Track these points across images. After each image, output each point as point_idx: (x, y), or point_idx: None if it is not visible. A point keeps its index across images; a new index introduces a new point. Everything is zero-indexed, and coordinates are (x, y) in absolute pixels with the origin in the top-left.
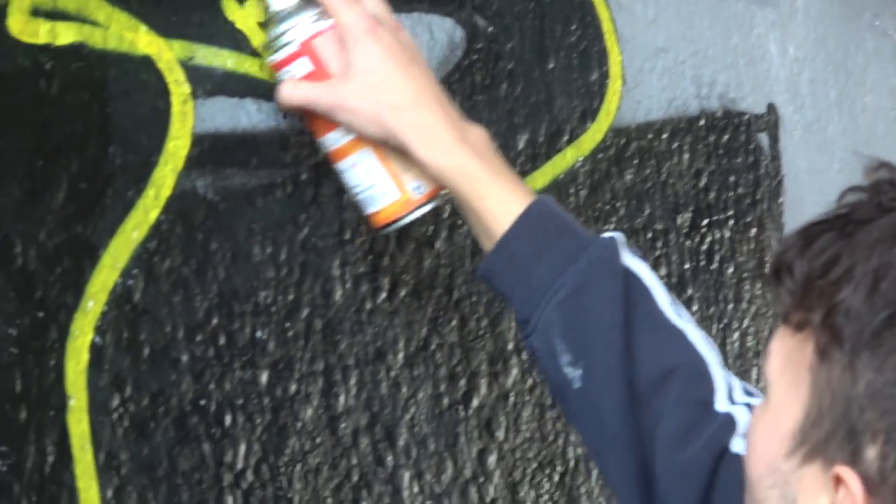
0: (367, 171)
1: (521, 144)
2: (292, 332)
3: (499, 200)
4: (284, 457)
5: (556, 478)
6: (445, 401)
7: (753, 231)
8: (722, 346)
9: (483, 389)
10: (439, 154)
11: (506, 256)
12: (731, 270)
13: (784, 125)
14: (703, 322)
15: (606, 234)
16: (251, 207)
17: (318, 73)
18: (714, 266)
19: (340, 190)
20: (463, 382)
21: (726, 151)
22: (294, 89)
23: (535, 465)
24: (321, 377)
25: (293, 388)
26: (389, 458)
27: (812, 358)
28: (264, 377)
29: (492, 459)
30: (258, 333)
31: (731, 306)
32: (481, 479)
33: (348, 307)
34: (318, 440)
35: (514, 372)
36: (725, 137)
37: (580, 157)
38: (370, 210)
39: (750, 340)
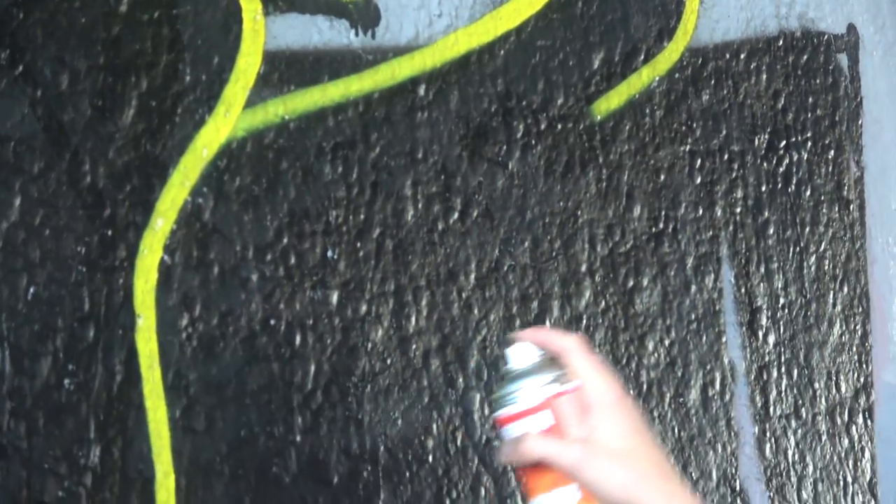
0: None
1: (597, 63)
2: (363, 253)
3: None
4: (354, 378)
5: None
6: (517, 323)
7: (832, 153)
8: (798, 270)
9: (555, 311)
10: None
11: None
12: (808, 193)
13: (864, 46)
14: (780, 245)
15: None
16: (322, 126)
17: (557, 431)
18: (791, 188)
19: (413, 108)
20: (535, 304)
21: (805, 72)
22: (541, 440)
23: None
24: (392, 298)
25: (364, 308)
26: (460, 380)
27: None
28: (335, 297)
29: None
30: (329, 253)
31: (808, 229)
32: None
33: (420, 227)
34: (389, 361)
35: (587, 294)
36: (804, 58)
37: (656, 77)
38: None
39: (827, 264)
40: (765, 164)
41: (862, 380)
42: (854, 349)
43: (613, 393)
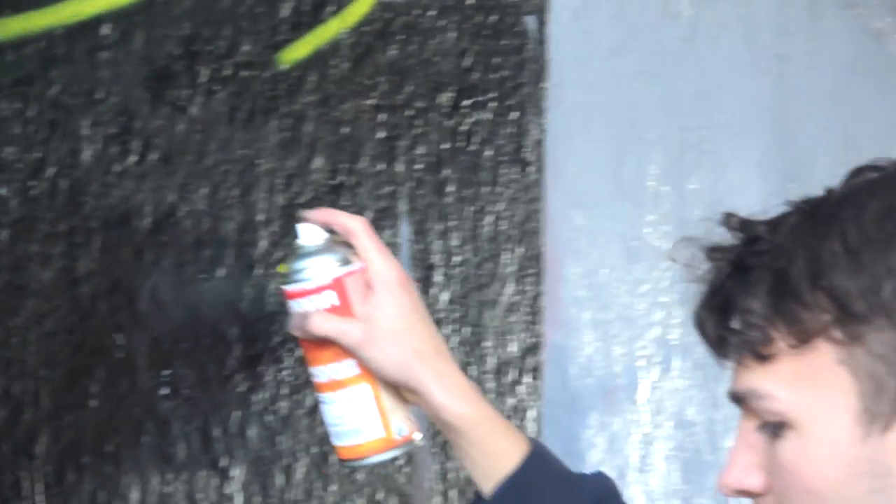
0: (359, 405)
1: (286, 12)
2: (36, 191)
3: (507, 441)
4: (20, 318)
5: (299, 352)
6: (190, 269)
7: (515, 114)
8: (475, 229)
9: (230, 259)
10: (458, 400)
11: (518, 489)
12: (489, 153)
13: (552, 9)
14: (458, 204)
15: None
16: (1, 61)
17: (342, 309)
18: (473, 147)
19: (95, 48)
20: (210, 251)
21: (493, 32)
22: (325, 320)
23: (278, 338)
24: (63, 239)
25: (34, 248)
26: (129, 324)
27: (837, 352)
28: (5, 235)
29: (234, 331)
30: (0, 190)
31: (486, 189)
32: (220, 348)
33: (96, 168)
34: (57, 303)
35: (263, 244)
36: (493, 18)
37: (344, 29)
38: (347, 442)
39: (503, 224)
40: (448, 122)
41: (532, 340)
42: (526, 309)
43: (395, 274)
